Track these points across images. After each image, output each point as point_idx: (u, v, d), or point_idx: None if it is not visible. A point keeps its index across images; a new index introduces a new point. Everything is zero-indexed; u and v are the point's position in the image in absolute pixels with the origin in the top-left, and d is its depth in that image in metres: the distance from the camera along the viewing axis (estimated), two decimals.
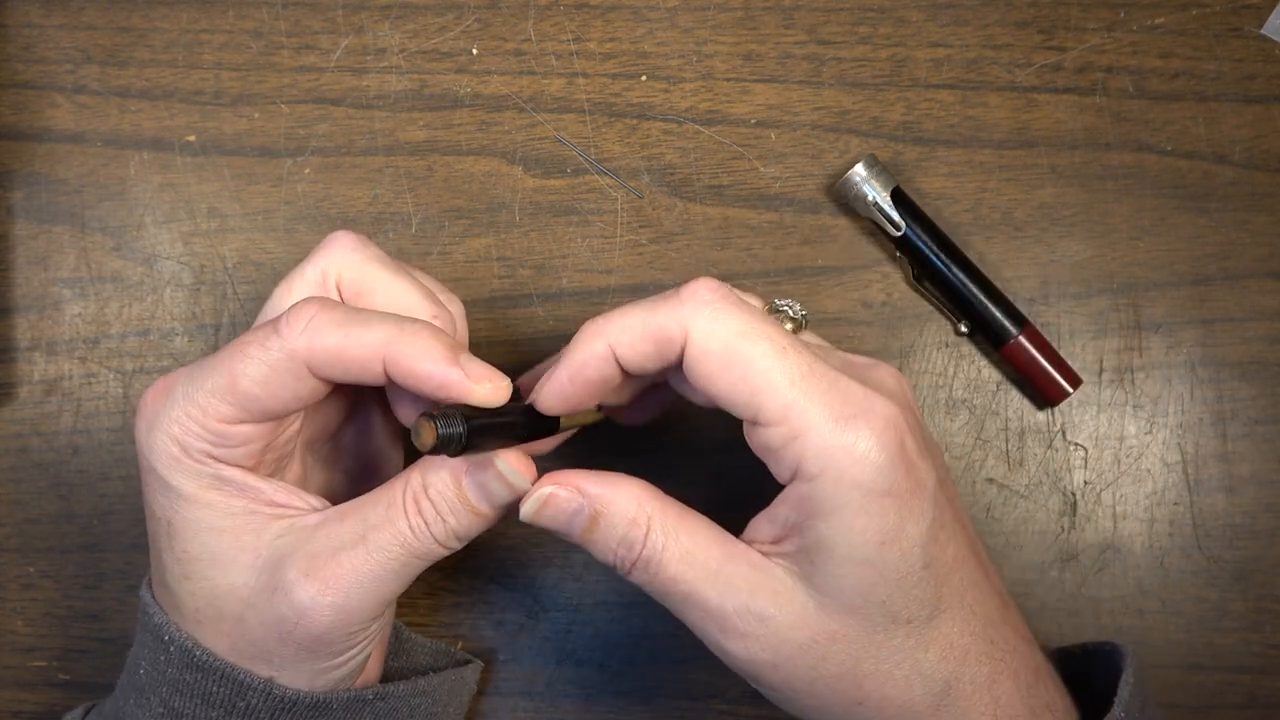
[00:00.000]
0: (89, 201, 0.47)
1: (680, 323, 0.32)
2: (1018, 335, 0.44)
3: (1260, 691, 0.44)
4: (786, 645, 0.32)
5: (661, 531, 0.33)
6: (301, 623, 0.33)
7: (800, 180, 0.46)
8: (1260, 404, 0.45)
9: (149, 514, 0.35)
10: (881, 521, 0.31)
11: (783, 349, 0.31)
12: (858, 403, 0.31)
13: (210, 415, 0.33)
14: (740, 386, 0.31)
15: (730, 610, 0.32)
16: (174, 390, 0.33)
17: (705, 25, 0.47)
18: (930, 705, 0.32)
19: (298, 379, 0.33)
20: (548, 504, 0.33)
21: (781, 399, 0.31)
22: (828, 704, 0.33)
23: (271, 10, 0.47)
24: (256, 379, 0.32)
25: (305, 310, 0.33)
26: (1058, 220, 0.46)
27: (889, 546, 0.31)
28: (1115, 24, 0.47)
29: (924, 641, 0.32)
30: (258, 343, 0.33)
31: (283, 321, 0.32)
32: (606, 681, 0.45)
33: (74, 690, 0.45)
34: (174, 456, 0.33)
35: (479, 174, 0.46)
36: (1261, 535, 0.45)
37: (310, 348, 0.32)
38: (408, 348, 0.32)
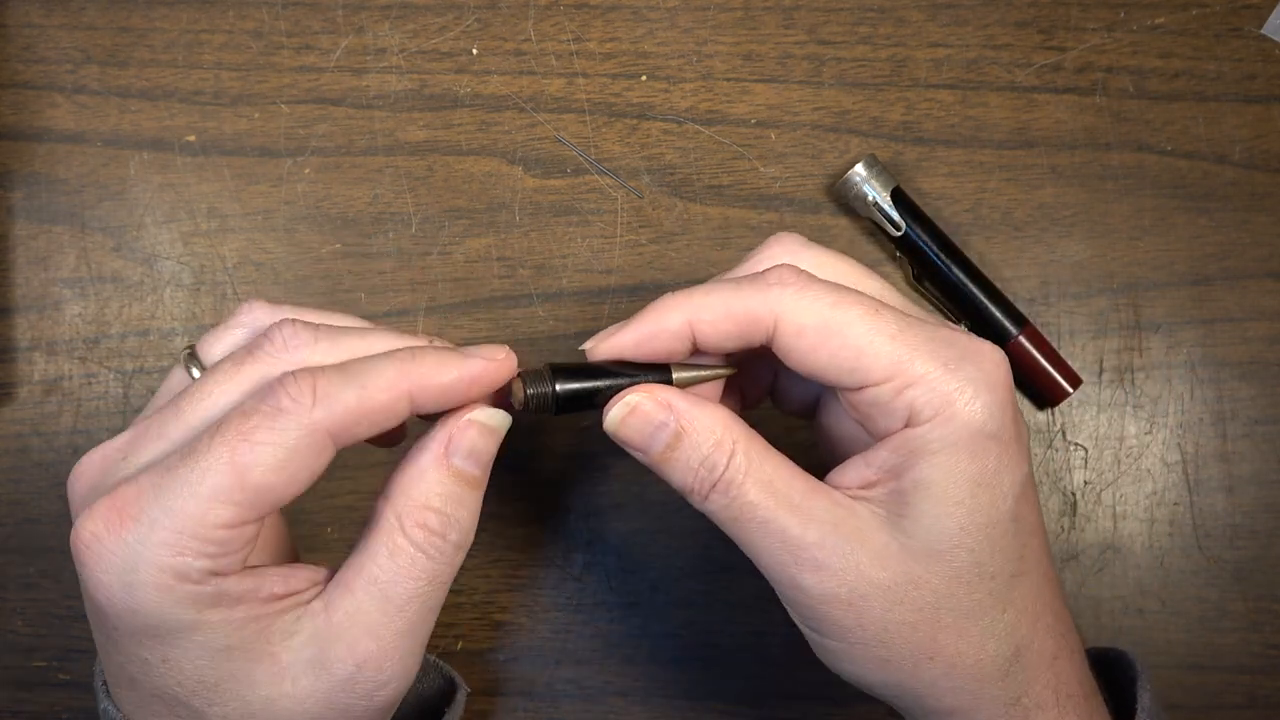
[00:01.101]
0: (89, 201, 0.47)
1: (769, 307, 0.31)
2: (1018, 335, 0.44)
3: (1260, 691, 0.44)
4: (865, 582, 0.31)
5: (745, 456, 0.32)
6: (374, 703, 0.32)
7: (800, 180, 0.46)
8: (1260, 404, 0.45)
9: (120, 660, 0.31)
10: (983, 464, 0.31)
11: (875, 310, 0.31)
12: (964, 347, 0.31)
13: (210, 524, 0.29)
14: (843, 355, 0.31)
15: (811, 540, 0.31)
16: (142, 513, 0.29)
17: (705, 25, 0.47)
18: (1000, 670, 0.32)
19: (320, 454, 0.30)
20: (635, 413, 0.33)
21: (887, 355, 0.31)
22: (897, 655, 0.32)
23: (271, 10, 0.47)
24: (272, 467, 0.29)
25: (302, 378, 0.30)
26: (1058, 220, 0.46)
27: (984, 490, 0.31)
28: (1115, 24, 0.47)
29: (1003, 601, 0.32)
30: (262, 426, 0.29)
31: (280, 396, 0.29)
32: (606, 681, 0.45)
33: (74, 690, 0.45)
34: (165, 588, 0.29)
35: (479, 174, 0.47)
36: (1261, 535, 0.45)
37: (331, 416, 0.30)
38: (424, 369, 0.31)
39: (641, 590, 0.45)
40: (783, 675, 0.44)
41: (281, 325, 0.32)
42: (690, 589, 0.45)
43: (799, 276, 0.32)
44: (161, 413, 0.32)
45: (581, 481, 0.45)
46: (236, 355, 0.32)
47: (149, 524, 0.29)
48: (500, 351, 0.32)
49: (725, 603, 0.45)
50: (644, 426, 0.33)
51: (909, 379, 0.31)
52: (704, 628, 0.45)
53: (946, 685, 0.32)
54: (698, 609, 0.45)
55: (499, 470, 0.43)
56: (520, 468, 0.45)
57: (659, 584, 0.45)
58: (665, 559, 0.45)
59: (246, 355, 0.32)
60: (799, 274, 0.32)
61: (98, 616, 0.31)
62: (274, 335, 0.32)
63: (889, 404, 0.31)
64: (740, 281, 0.32)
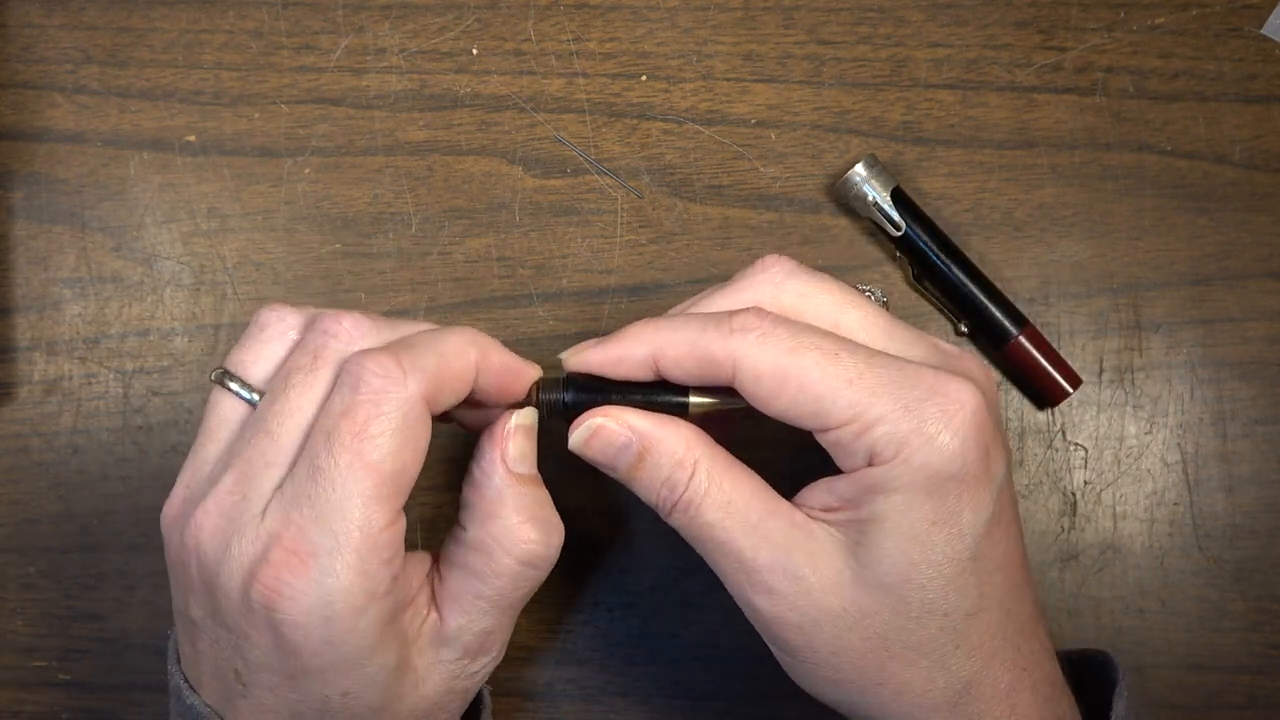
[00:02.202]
0: (89, 201, 0.47)
1: (728, 352, 0.32)
2: (1018, 335, 0.44)
3: (1260, 691, 0.44)
4: (815, 608, 0.32)
5: (706, 476, 0.33)
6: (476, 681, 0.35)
7: (800, 180, 0.46)
8: (1260, 404, 0.45)
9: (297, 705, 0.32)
10: (939, 503, 0.31)
11: (834, 354, 0.31)
12: (928, 386, 0.31)
13: (375, 530, 0.30)
14: (801, 400, 0.31)
15: (762, 564, 0.32)
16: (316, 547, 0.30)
17: (705, 25, 0.47)
18: (948, 701, 0.32)
19: (425, 422, 0.31)
20: (597, 435, 0.34)
21: (845, 400, 0.31)
22: (846, 678, 0.32)
23: (271, 10, 0.47)
24: (397, 449, 0.30)
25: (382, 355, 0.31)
26: (1058, 220, 0.46)
27: (939, 529, 0.31)
28: (1115, 24, 0.47)
29: (955, 637, 0.32)
30: (371, 416, 0.30)
31: (371, 379, 0.30)
32: (606, 681, 0.45)
33: (74, 690, 0.45)
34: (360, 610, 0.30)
35: (479, 174, 0.46)
36: (1261, 535, 0.45)
37: (422, 383, 0.31)
38: (485, 342, 0.33)
39: (641, 590, 0.45)
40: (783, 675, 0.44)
41: (340, 318, 0.33)
42: (690, 589, 0.45)
43: (762, 321, 0.32)
44: (255, 441, 0.32)
45: (581, 482, 0.45)
46: (301, 363, 0.32)
47: (327, 554, 0.30)
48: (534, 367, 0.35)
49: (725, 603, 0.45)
50: (607, 447, 0.34)
51: (868, 422, 0.31)
52: (704, 628, 0.45)
53: (895, 709, 0.33)
54: (698, 609, 0.45)
55: None
56: None
57: (659, 584, 0.45)
58: (665, 559, 0.45)
59: (314, 360, 0.32)
60: (763, 318, 0.32)
61: (284, 660, 0.31)
62: (336, 330, 0.33)
63: (850, 445, 0.31)
64: (706, 321, 0.33)
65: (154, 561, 0.45)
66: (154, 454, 0.46)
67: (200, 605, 0.33)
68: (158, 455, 0.46)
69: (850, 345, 0.32)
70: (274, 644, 0.31)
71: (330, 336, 0.33)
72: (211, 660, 0.33)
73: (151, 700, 0.45)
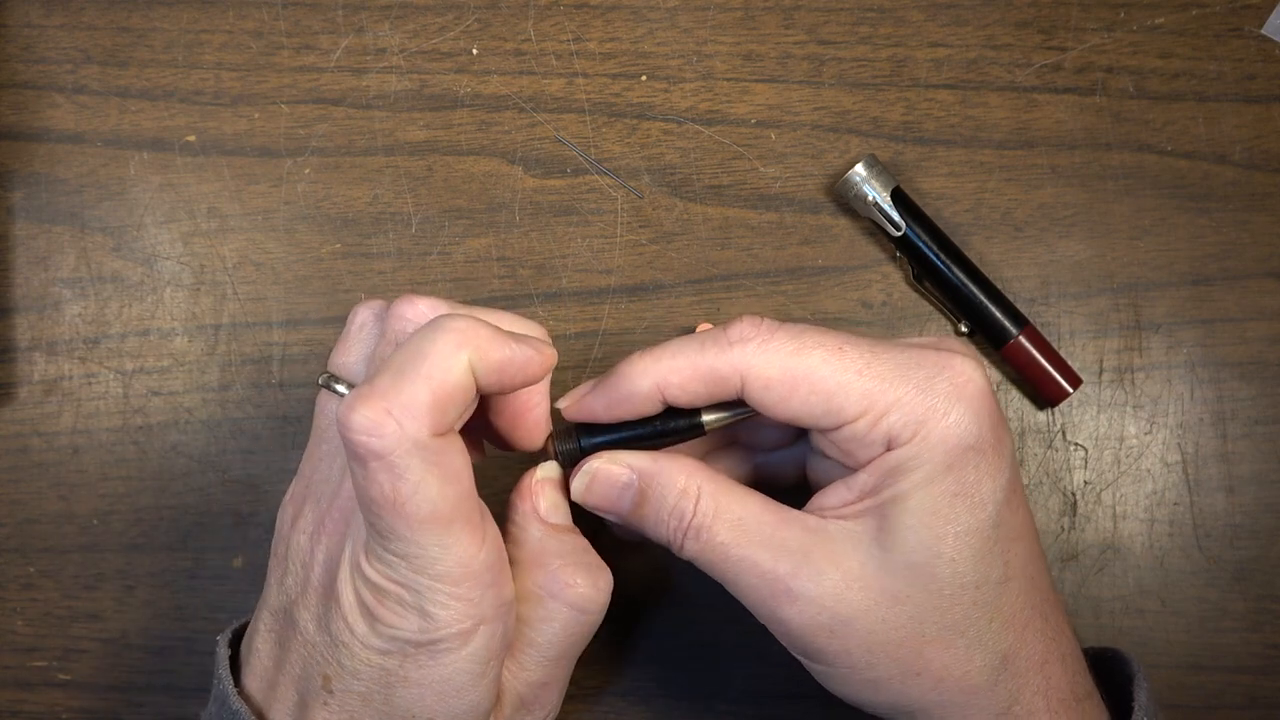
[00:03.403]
0: (89, 201, 0.47)
1: (733, 365, 0.32)
2: (1018, 335, 0.44)
3: (1260, 691, 0.44)
4: (845, 607, 0.31)
5: (711, 499, 0.33)
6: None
7: (800, 180, 0.46)
8: (1260, 404, 0.45)
9: None
10: (960, 474, 0.31)
11: (838, 349, 0.32)
12: (934, 363, 0.32)
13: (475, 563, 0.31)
14: (813, 400, 0.31)
15: (784, 572, 0.32)
16: None
17: (705, 25, 0.47)
18: (988, 680, 0.32)
19: (446, 450, 0.30)
20: (596, 479, 0.34)
21: (858, 391, 0.31)
22: (884, 675, 0.32)
23: (271, 10, 0.47)
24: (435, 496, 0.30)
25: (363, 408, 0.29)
26: (1058, 220, 0.46)
27: (961, 500, 0.31)
28: (1115, 24, 0.47)
29: (988, 609, 0.32)
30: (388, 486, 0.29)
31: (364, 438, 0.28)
32: (607, 681, 0.45)
33: (74, 690, 0.45)
34: None
35: (479, 174, 0.46)
36: (1261, 535, 0.45)
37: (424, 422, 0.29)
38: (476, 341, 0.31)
39: (642, 590, 0.45)
40: (783, 675, 0.44)
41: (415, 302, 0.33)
42: (690, 589, 0.45)
43: (759, 328, 0.32)
44: None
45: None
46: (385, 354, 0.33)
47: None
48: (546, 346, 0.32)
49: (725, 603, 0.45)
50: (608, 490, 0.34)
51: (883, 408, 0.31)
52: (704, 628, 0.45)
53: (935, 699, 0.32)
54: (698, 609, 0.45)
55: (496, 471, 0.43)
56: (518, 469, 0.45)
57: (659, 584, 0.45)
58: (665, 559, 0.45)
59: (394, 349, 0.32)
60: (758, 325, 0.32)
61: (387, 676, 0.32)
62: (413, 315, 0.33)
63: (866, 436, 0.31)
64: (704, 340, 0.33)
65: (154, 561, 0.45)
66: (154, 454, 0.46)
67: (310, 610, 0.33)
68: (158, 455, 0.46)
69: (852, 338, 0.32)
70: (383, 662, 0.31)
71: (407, 321, 0.33)
72: (300, 663, 0.33)
73: (151, 700, 0.45)
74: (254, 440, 0.46)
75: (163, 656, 0.45)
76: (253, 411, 0.46)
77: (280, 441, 0.46)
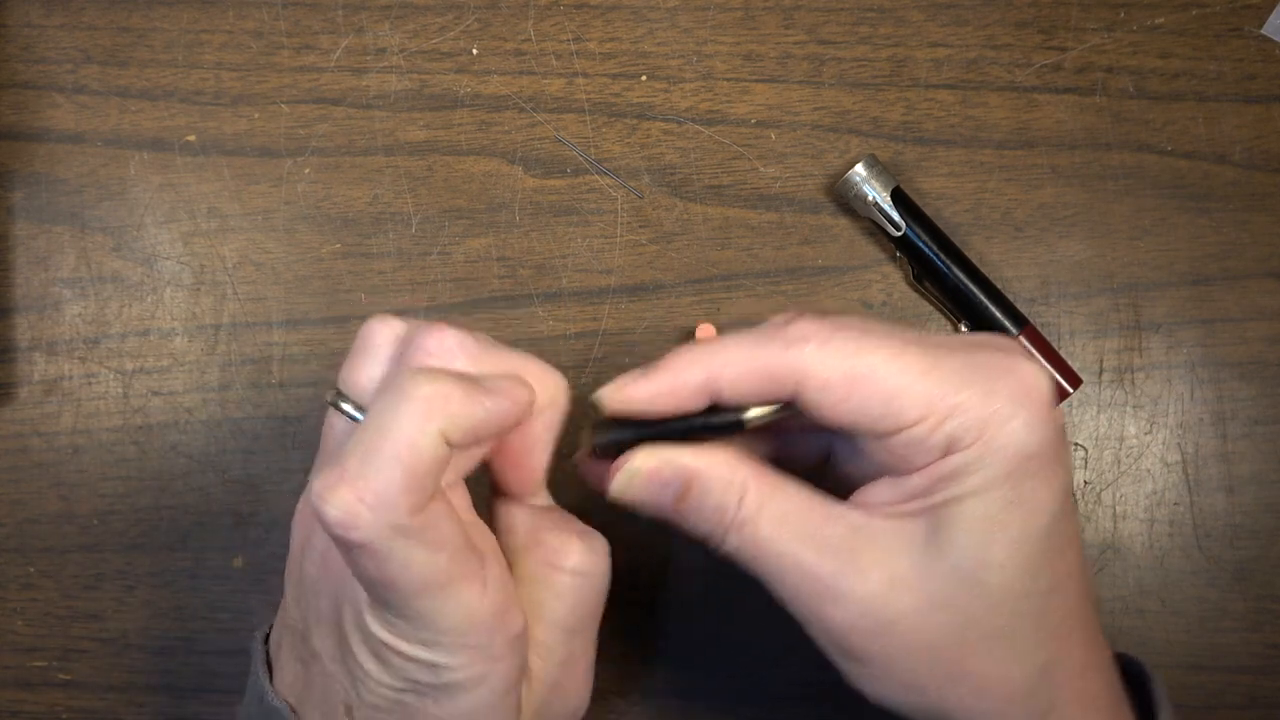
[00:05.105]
0: (89, 201, 0.47)
1: (791, 365, 0.31)
2: (1018, 335, 0.44)
3: (1260, 691, 0.44)
4: (890, 610, 0.30)
5: (757, 493, 0.32)
6: None
7: (800, 180, 0.46)
8: (1260, 404, 0.45)
9: None
10: (1019, 484, 0.30)
11: (900, 350, 0.30)
12: (1000, 366, 0.30)
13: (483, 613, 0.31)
14: (873, 402, 0.30)
15: (827, 571, 0.31)
16: None
17: (705, 25, 0.47)
18: (1027, 689, 0.31)
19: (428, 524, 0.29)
20: (639, 476, 0.32)
21: (921, 394, 0.30)
22: (923, 680, 0.31)
23: (271, 10, 0.47)
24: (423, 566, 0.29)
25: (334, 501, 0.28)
26: (1058, 220, 0.46)
27: (1017, 508, 0.30)
28: (1115, 24, 0.47)
29: (1033, 619, 0.31)
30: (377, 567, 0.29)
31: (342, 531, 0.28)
32: (607, 682, 0.45)
33: (74, 690, 0.45)
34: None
35: (479, 174, 0.46)
36: (1261, 535, 0.45)
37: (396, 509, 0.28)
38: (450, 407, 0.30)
39: (641, 590, 0.45)
40: (783, 675, 0.44)
41: (442, 337, 0.32)
42: (690, 589, 0.45)
43: (821, 328, 0.31)
44: None
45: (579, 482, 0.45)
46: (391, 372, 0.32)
47: None
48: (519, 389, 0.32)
49: (725, 603, 0.45)
50: (651, 486, 0.32)
51: (945, 412, 0.30)
52: (704, 628, 0.45)
53: (974, 705, 0.31)
54: (698, 609, 0.45)
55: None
56: None
57: (659, 584, 0.45)
58: (665, 559, 0.45)
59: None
60: (820, 323, 0.31)
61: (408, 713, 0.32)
62: (432, 349, 0.32)
63: (925, 441, 0.30)
64: (759, 337, 0.31)
65: (154, 561, 0.45)
66: (154, 454, 0.46)
67: (325, 641, 0.32)
68: (158, 455, 0.46)
69: (915, 337, 0.31)
70: (400, 698, 0.31)
71: (430, 356, 0.31)
72: (321, 689, 0.33)
73: (151, 700, 0.45)
74: (254, 440, 0.46)
75: (163, 656, 0.45)
76: (253, 411, 0.46)
77: (280, 441, 0.46)
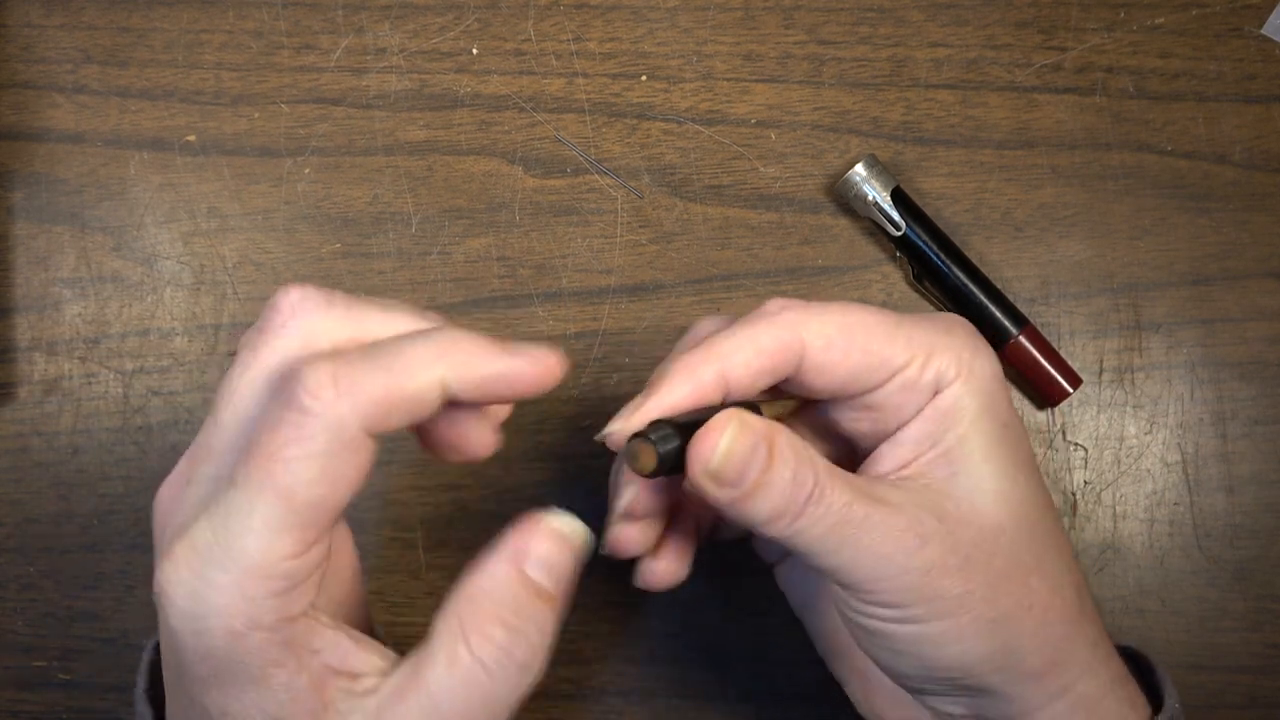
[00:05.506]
0: (89, 201, 0.47)
1: (793, 332, 0.31)
2: (1018, 335, 0.44)
3: (1260, 691, 0.44)
4: (963, 544, 0.30)
5: (823, 462, 0.30)
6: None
7: (800, 180, 0.46)
8: (1260, 404, 0.45)
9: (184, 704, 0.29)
10: (999, 405, 0.32)
11: (875, 310, 0.32)
12: (941, 320, 0.33)
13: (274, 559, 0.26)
14: (870, 351, 0.32)
15: (907, 519, 0.30)
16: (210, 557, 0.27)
17: (705, 25, 0.47)
18: (1078, 608, 0.33)
19: (357, 451, 0.27)
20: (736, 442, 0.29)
21: (905, 338, 0.32)
22: (1003, 612, 0.31)
23: (271, 10, 0.47)
24: (314, 479, 0.26)
25: (320, 368, 0.26)
26: (1058, 220, 0.46)
27: (1009, 430, 0.32)
28: (1115, 24, 0.47)
29: (1057, 535, 0.33)
30: (291, 439, 0.26)
31: (300, 393, 0.26)
32: (606, 681, 0.45)
33: (74, 690, 0.45)
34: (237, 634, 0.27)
35: (479, 174, 0.47)
36: (1261, 535, 0.45)
37: (357, 409, 0.26)
38: (460, 355, 0.28)
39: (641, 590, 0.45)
40: (783, 675, 0.44)
41: (288, 290, 0.29)
42: (690, 589, 0.45)
43: (795, 301, 0.32)
44: (205, 424, 0.29)
45: (580, 481, 0.45)
46: (248, 338, 0.29)
47: (214, 567, 0.27)
48: (550, 356, 0.29)
49: (725, 603, 0.45)
50: (743, 454, 0.29)
51: (929, 350, 0.32)
52: (704, 628, 0.45)
53: (1045, 635, 0.32)
54: (698, 609, 0.45)
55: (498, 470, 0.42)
56: (518, 468, 0.45)
57: None
58: None
59: (257, 334, 0.29)
60: (789, 299, 0.33)
61: (170, 656, 0.29)
62: (280, 303, 0.29)
63: (918, 380, 0.32)
64: (748, 321, 0.32)
65: (154, 561, 0.45)
66: (154, 454, 0.46)
67: None
68: (158, 455, 0.46)
69: (867, 304, 0.33)
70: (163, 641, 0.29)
71: (274, 311, 0.29)
72: None
73: None
74: None
75: None
76: None
77: None
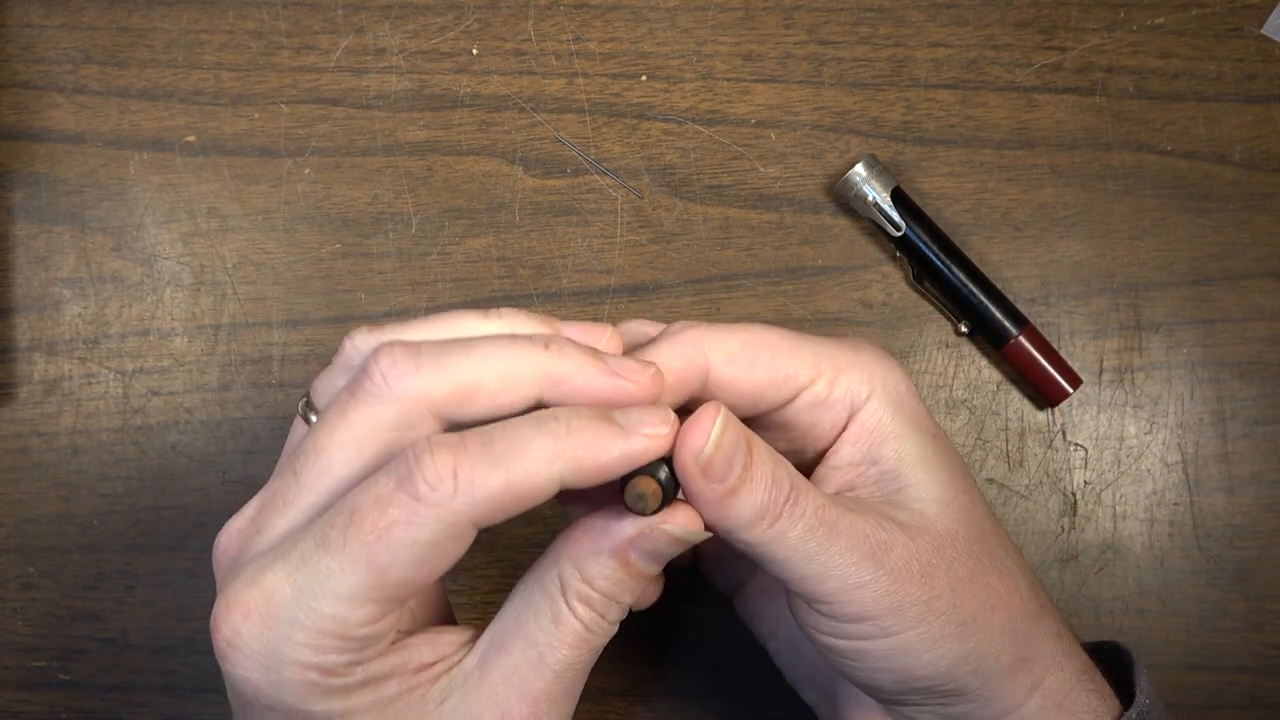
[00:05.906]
0: (89, 201, 0.47)
1: (697, 348, 0.31)
2: (1018, 335, 0.44)
3: (1260, 691, 0.44)
4: (924, 550, 0.31)
5: (792, 469, 0.31)
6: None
7: (800, 180, 0.46)
8: (1260, 404, 0.45)
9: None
10: (919, 417, 0.33)
11: (775, 329, 0.33)
12: (845, 340, 0.34)
13: (352, 624, 0.27)
14: (775, 365, 0.32)
15: (871, 523, 0.31)
16: (283, 612, 0.27)
17: (705, 25, 0.47)
18: (1035, 602, 0.33)
19: (460, 542, 0.28)
20: (724, 428, 0.29)
21: (808, 354, 0.32)
22: (969, 614, 0.31)
23: (271, 10, 0.47)
24: (413, 563, 0.27)
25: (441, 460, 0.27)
26: (1058, 220, 0.46)
27: (935, 438, 0.33)
28: (1115, 24, 0.47)
29: (1001, 535, 0.33)
30: (399, 521, 0.26)
31: (418, 481, 0.27)
32: (606, 681, 0.45)
33: (74, 690, 0.45)
34: (311, 684, 0.28)
35: (479, 174, 0.47)
36: (1261, 535, 0.45)
37: (473, 505, 0.27)
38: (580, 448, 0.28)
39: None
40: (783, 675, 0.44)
41: (378, 355, 0.29)
42: (690, 590, 0.45)
43: (698, 322, 0.33)
44: (281, 476, 0.30)
45: None
46: (340, 399, 0.29)
47: (289, 624, 0.27)
48: (664, 424, 0.29)
49: (725, 603, 0.45)
50: (732, 443, 0.29)
51: (835, 368, 0.32)
52: (704, 628, 0.45)
53: (1011, 632, 0.32)
54: (698, 609, 0.45)
55: None
56: None
57: None
58: None
59: (349, 398, 0.29)
60: (695, 321, 0.33)
61: (237, 700, 0.29)
62: (371, 369, 0.29)
63: (829, 397, 0.32)
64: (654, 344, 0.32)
65: (154, 561, 0.45)
66: (154, 454, 0.46)
67: None
68: (158, 455, 0.46)
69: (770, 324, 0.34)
70: (230, 687, 0.29)
71: (367, 377, 0.29)
72: None
73: (151, 700, 0.45)
74: (254, 440, 0.46)
75: (163, 656, 0.45)
76: (253, 411, 0.46)
77: (280, 442, 0.45)
